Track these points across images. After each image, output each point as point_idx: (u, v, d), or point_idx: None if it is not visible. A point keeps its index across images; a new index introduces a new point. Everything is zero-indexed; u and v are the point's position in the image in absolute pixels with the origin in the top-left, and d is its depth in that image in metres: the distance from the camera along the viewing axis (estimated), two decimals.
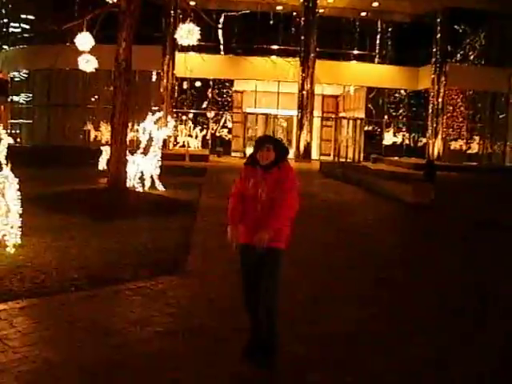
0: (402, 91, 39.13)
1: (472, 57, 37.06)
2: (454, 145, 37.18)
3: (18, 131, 39.71)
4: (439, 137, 36.44)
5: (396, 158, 35.98)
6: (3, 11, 41.45)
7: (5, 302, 6.35)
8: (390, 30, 38.80)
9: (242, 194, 5.05)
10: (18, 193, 8.79)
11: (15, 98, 40.93)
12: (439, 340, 5.94)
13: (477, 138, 37.64)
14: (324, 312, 6.66)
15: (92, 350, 5.21)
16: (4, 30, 41.62)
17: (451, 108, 36.67)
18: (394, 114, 39.38)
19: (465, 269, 9.40)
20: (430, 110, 36.95)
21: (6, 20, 41.29)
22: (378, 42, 38.94)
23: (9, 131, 33.64)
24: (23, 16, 39.91)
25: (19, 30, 40.42)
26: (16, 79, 40.74)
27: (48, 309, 6.33)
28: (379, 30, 38.86)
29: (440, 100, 36.23)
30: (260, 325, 4.95)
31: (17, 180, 8.75)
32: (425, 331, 6.20)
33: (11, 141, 9.19)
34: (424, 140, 38.27)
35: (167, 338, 5.56)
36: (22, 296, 6.57)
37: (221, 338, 5.56)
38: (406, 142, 39.53)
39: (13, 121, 40.64)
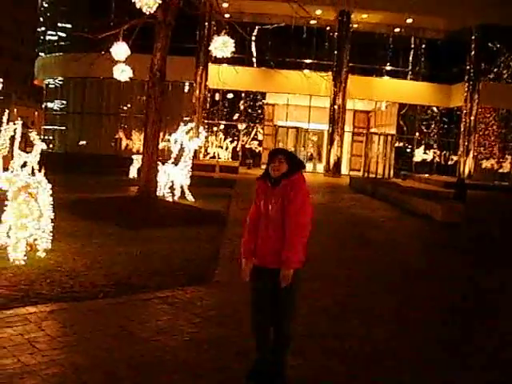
0: (434, 108, 38.83)
1: (506, 75, 36.68)
2: (486, 164, 36.77)
3: (51, 137, 40.27)
4: (470, 155, 36.08)
5: (426, 175, 35.69)
6: (41, 19, 42.20)
7: (34, 305, 6.44)
8: (423, 46, 38.53)
9: (257, 214, 4.82)
10: (51, 198, 8.91)
11: (50, 105, 41.56)
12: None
13: (509, 157, 37.17)
14: (348, 328, 6.61)
15: (118, 357, 5.24)
16: (41, 37, 42.37)
17: (483, 126, 36.30)
18: (425, 130, 39.09)
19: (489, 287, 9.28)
20: (462, 128, 36.62)
21: (43, 28, 42.03)
22: (411, 58, 38.66)
23: (42, 137, 34.19)
24: (60, 24, 40.56)
25: (56, 37, 41.07)
26: (51, 86, 41.38)
27: (76, 314, 6.39)
28: (412, 46, 38.59)
29: (472, 118, 35.90)
30: (268, 350, 4.77)
31: (50, 185, 8.87)
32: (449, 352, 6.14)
33: (44, 146, 9.34)
34: (455, 158, 37.91)
35: (193, 348, 5.57)
36: (52, 300, 6.65)
37: (246, 349, 5.55)
38: (437, 159, 39.18)
39: (47, 127, 41.25)
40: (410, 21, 36.10)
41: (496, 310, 7.99)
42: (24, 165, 8.85)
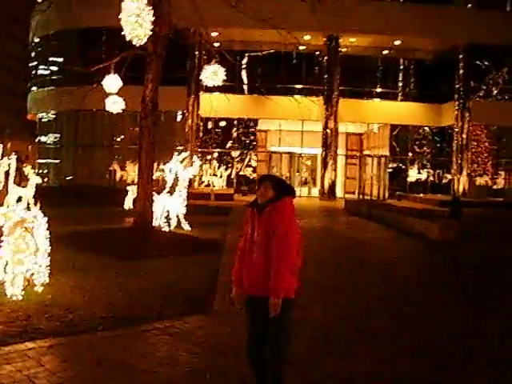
0: (426, 128, 39.04)
1: (495, 92, 37.00)
2: (480, 180, 36.91)
3: (45, 171, 40.31)
4: (464, 173, 36.22)
5: (421, 194, 35.79)
6: (32, 54, 42.49)
7: (33, 340, 6.41)
8: (412, 67, 38.86)
9: (245, 241, 4.79)
10: (47, 232, 8.91)
11: (43, 139, 41.68)
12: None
13: (502, 173, 37.38)
14: (352, 350, 6.60)
15: None
16: (33, 72, 42.64)
17: (475, 144, 36.52)
18: (418, 150, 39.25)
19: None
20: (455, 147, 36.83)
21: (35, 62, 42.31)
22: (400, 79, 38.96)
23: (37, 171, 34.18)
24: (51, 58, 40.83)
25: (47, 72, 41.34)
26: (44, 120, 41.54)
27: (76, 348, 6.36)
28: (402, 67, 38.92)
29: (464, 136, 36.12)
30: (266, 376, 4.70)
31: (45, 219, 8.88)
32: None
33: (39, 180, 9.36)
34: (449, 176, 38.06)
35: (195, 378, 5.55)
36: (51, 334, 6.62)
37: (248, 378, 5.51)
38: (431, 178, 39.30)
39: (41, 160, 41.31)
40: (398, 42, 36.47)
41: (498, 332, 7.97)
42: (19, 199, 8.86)
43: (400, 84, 39.07)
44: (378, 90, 38.67)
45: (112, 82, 16.18)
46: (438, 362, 6.39)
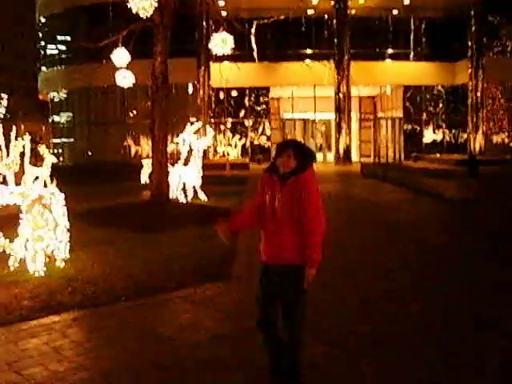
0: (440, 87, 38.66)
1: (510, 48, 36.43)
2: (496, 138, 36.62)
3: (60, 150, 40.51)
4: (480, 131, 35.91)
5: (437, 155, 35.55)
6: (39, 34, 42.40)
7: (57, 314, 6.50)
8: (423, 26, 38.33)
9: (259, 205, 4.57)
10: (65, 208, 8.97)
11: (56, 118, 41.80)
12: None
13: None
14: (371, 312, 6.62)
15: (144, 358, 5.28)
16: (42, 52, 42.61)
17: (491, 101, 36.16)
18: (432, 111, 38.93)
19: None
20: (469, 105, 36.46)
21: (43, 42, 42.25)
22: (411, 39, 38.47)
23: (51, 151, 34.37)
24: (59, 37, 40.76)
25: (56, 51, 41.30)
26: (56, 100, 41.60)
27: (99, 319, 6.44)
28: (412, 27, 38.40)
29: (478, 94, 35.73)
30: (279, 344, 4.52)
31: (63, 196, 8.93)
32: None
33: (54, 160, 9.40)
34: (465, 135, 37.75)
35: (217, 343, 5.61)
36: (74, 308, 6.71)
37: None
38: (447, 138, 39.02)
39: (55, 140, 41.49)
40: (407, 1, 35.87)
41: None
42: (36, 179, 8.91)
43: (411, 44, 38.55)
44: (390, 51, 38.26)
45: (121, 56, 16.11)
46: (456, 318, 6.41)
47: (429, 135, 38.93)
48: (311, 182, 4.43)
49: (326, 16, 36.74)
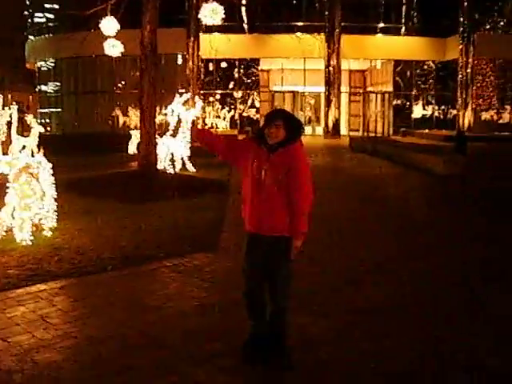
0: (430, 63, 38.51)
1: (501, 24, 36.30)
2: (485, 115, 36.59)
3: (47, 120, 40.17)
4: (469, 108, 35.84)
5: (426, 130, 35.56)
6: (27, 2, 41.79)
7: (44, 282, 6.50)
8: (415, 0, 38.03)
9: (230, 147, 4.67)
10: (52, 177, 8.93)
11: (43, 88, 41.39)
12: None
13: (508, 107, 36.98)
14: (359, 284, 6.66)
15: (131, 326, 5.30)
16: (29, 20, 42.04)
17: (480, 78, 36.02)
18: (422, 86, 38.82)
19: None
20: (459, 81, 36.33)
21: (30, 10, 41.66)
22: (403, 13, 38.15)
23: (39, 120, 34.10)
24: (47, 5, 40.21)
25: (43, 19, 40.76)
26: (43, 69, 41.15)
27: (86, 288, 6.45)
28: (404, 1, 38.07)
29: (469, 70, 35.57)
30: (265, 316, 4.53)
31: (50, 165, 8.88)
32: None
33: (42, 129, 9.34)
34: (454, 111, 37.72)
35: (204, 312, 5.63)
36: (61, 276, 6.71)
37: None
38: (436, 114, 38.98)
39: (42, 110, 41.12)
40: None
41: (503, 258, 8.02)
42: (23, 148, 8.86)
43: (403, 18, 38.24)
44: (381, 25, 37.91)
45: (109, 25, 15.88)
46: (447, 286, 6.47)
47: (418, 110, 38.89)
48: (301, 154, 4.42)
49: None
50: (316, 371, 4.44)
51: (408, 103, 38.84)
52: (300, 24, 36.59)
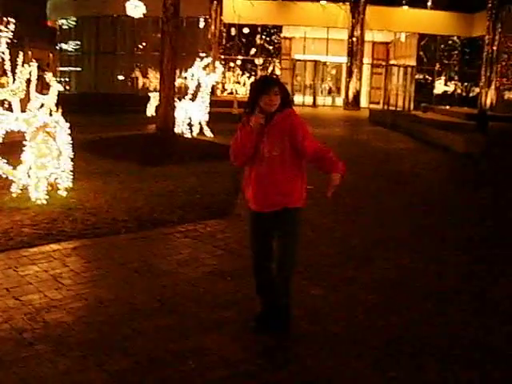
0: (455, 38, 37.96)
1: None
2: (508, 95, 35.97)
3: (67, 79, 40.10)
4: (492, 86, 35.26)
5: (447, 107, 35.14)
6: None
7: (58, 242, 6.52)
8: None
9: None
10: (69, 137, 8.91)
11: (64, 46, 41.22)
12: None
13: None
14: (373, 256, 6.62)
15: (141, 289, 5.31)
16: None
17: (506, 56, 35.37)
18: (446, 62, 38.35)
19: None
20: (484, 59, 35.73)
21: None
22: None
23: (58, 79, 34.04)
24: None
25: None
26: (64, 27, 40.96)
27: (99, 249, 6.45)
28: None
29: (495, 48, 34.92)
30: (274, 290, 4.48)
31: (67, 125, 8.86)
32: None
33: (61, 88, 9.29)
34: (477, 89, 37.19)
35: (215, 279, 5.63)
36: (75, 237, 6.72)
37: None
38: (458, 91, 38.55)
39: (62, 68, 41.02)
40: None
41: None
42: (41, 106, 8.83)
43: None
44: None
45: None
46: (454, 266, 6.42)
47: (440, 86, 38.44)
48: (298, 116, 4.33)
49: None
50: (325, 343, 4.42)
51: (430, 78, 38.37)
52: None
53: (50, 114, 8.79)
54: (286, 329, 4.52)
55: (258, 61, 36.87)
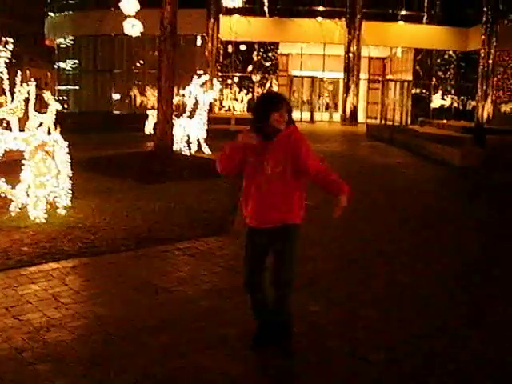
0: (451, 53, 38.14)
1: None
2: (505, 108, 36.10)
3: (65, 97, 40.23)
4: (489, 99, 35.41)
5: (444, 121, 35.23)
6: None
7: (57, 261, 6.52)
8: None
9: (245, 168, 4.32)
10: (68, 156, 8.94)
11: (62, 65, 41.41)
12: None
13: None
14: (366, 273, 6.63)
15: (141, 308, 5.31)
16: None
17: (502, 70, 35.56)
18: (442, 76, 38.48)
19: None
20: (480, 72, 35.89)
21: None
22: (425, 1, 37.68)
23: (56, 97, 34.14)
24: None
25: None
26: (62, 46, 41.16)
27: (98, 268, 6.46)
28: None
29: (490, 61, 35.10)
30: (268, 306, 4.43)
31: (66, 143, 8.89)
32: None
33: (59, 107, 9.33)
34: (473, 103, 37.33)
35: (215, 296, 5.62)
36: (74, 255, 6.72)
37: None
38: (455, 104, 38.66)
39: (60, 87, 41.17)
40: None
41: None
42: (40, 125, 8.86)
43: (425, 6, 37.74)
44: (403, 12, 37.51)
45: (129, 4, 15.84)
46: (455, 277, 6.42)
47: (437, 100, 38.56)
48: (301, 133, 4.29)
49: None
50: (325, 360, 4.41)
51: (427, 93, 38.52)
52: (321, 9, 36.27)
53: (49, 133, 8.82)
54: (286, 346, 4.48)
55: (256, 77, 37.02)
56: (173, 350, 4.47)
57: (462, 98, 38.53)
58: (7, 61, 8.42)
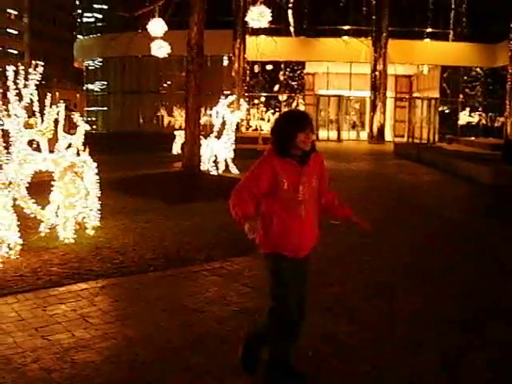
0: (478, 69, 37.86)
1: None
2: None
3: (94, 118, 40.77)
4: None
5: (472, 138, 34.92)
6: (77, 2, 42.55)
7: (86, 281, 6.55)
8: (464, 5, 37.35)
9: (254, 194, 4.06)
10: (97, 176, 9.02)
11: (90, 86, 42.04)
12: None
13: None
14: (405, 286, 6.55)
15: (169, 328, 5.30)
16: (78, 20, 42.77)
17: None
18: (469, 92, 38.18)
19: None
20: (508, 88, 35.52)
21: (79, 11, 42.39)
22: (451, 18, 37.54)
23: (85, 119, 34.59)
24: (96, 5, 40.85)
25: (92, 19, 41.46)
26: (90, 68, 41.84)
27: (127, 288, 6.47)
28: (453, 6, 37.43)
29: None
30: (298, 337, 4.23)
31: (95, 164, 8.97)
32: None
33: (88, 127, 9.44)
34: (501, 119, 36.92)
35: (243, 318, 5.58)
36: (102, 276, 6.75)
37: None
38: (483, 121, 38.30)
39: (89, 108, 41.74)
40: None
41: None
42: (69, 146, 8.96)
43: (451, 23, 37.59)
44: (429, 30, 37.40)
45: (157, 26, 16.09)
46: (477, 302, 6.32)
47: (464, 117, 38.27)
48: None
49: None
50: (353, 381, 4.35)
51: (454, 110, 38.24)
52: (347, 28, 36.34)
53: (78, 154, 8.92)
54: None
55: (282, 97, 37.14)
56: (202, 372, 4.45)
57: (490, 114, 38.16)
58: (37, 83, 8.54)
